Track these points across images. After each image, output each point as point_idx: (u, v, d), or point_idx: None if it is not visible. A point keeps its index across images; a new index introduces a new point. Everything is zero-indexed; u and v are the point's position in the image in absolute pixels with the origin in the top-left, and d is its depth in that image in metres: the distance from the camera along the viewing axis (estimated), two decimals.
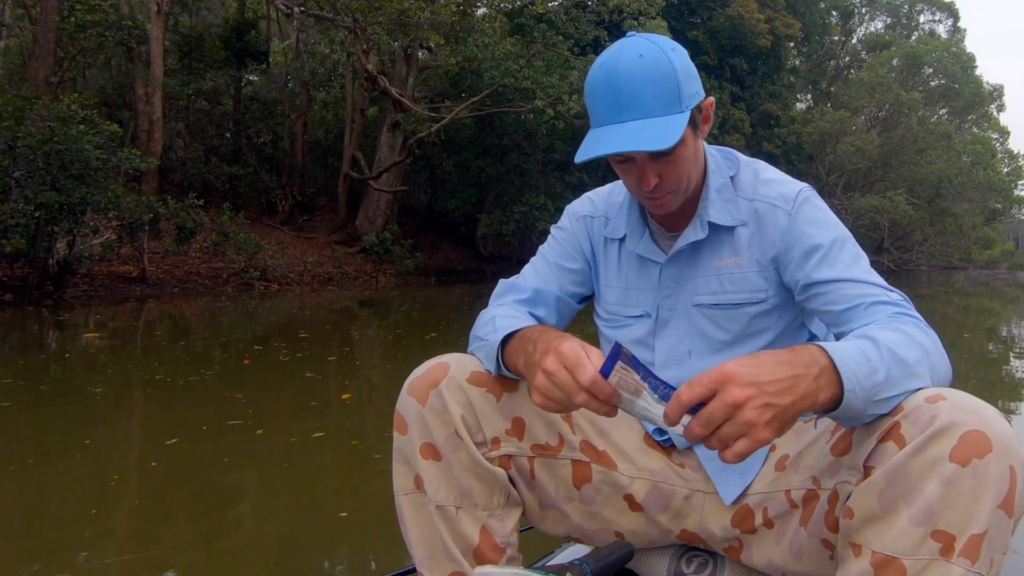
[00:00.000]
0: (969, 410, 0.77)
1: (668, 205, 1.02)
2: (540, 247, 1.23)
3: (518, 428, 1.02)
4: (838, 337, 0.97)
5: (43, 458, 2.84)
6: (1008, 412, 4.10)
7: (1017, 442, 0.76)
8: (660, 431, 1.10)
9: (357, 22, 12.92)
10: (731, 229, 1.06)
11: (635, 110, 0.94)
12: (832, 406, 0.78)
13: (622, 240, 1.14)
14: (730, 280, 1.05)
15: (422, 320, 9.15)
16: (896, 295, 0.96)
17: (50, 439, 3.14)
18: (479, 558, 0.97)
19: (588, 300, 1.22)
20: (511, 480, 1.03)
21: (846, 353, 0.79)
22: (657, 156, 0.97)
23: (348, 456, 3.00)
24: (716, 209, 1.05)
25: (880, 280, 0.98)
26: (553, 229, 1.22)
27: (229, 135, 17.92)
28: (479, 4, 16.68)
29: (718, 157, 1.10)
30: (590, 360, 0.83)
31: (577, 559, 0.99)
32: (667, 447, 1.10)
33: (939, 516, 0.75)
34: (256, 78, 19.24)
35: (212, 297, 10.76)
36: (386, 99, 16.79)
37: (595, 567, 0.99)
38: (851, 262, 0.99)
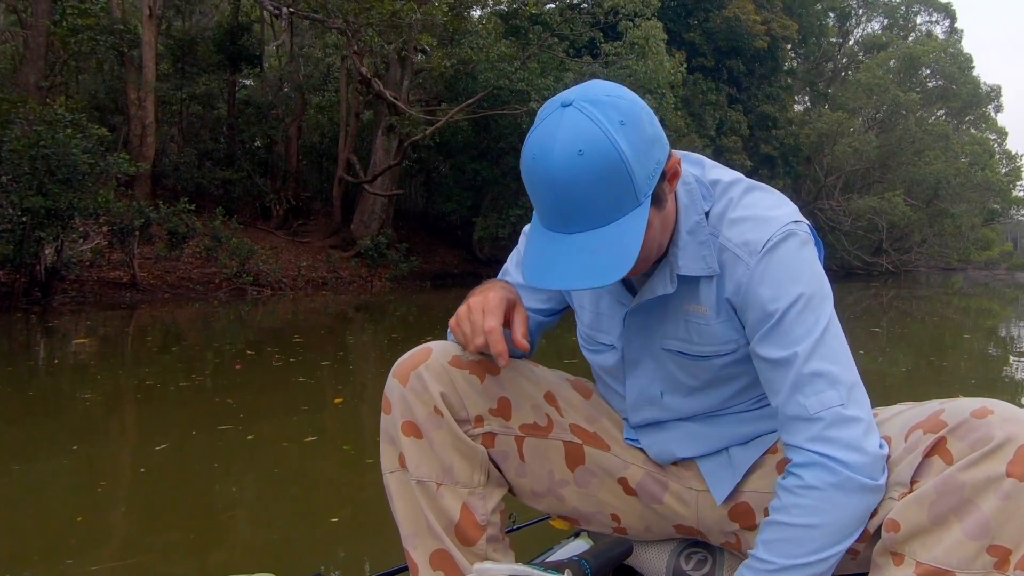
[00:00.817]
0: (1022, 422, 0.77)
1: (638, 272, 0.95)
2: (511, 255, 1.15)
3: (504, 408, 1.03)
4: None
5: (29, 465, 2.81)
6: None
7: None
8: (633, 436, 1.09)
9: (348, 24, 12.93)
10: (694, 278, 0.94)
11: (583, 221, 0.81)
12: None
13: None
14: (697, 331, 0.96)
15: (417, 324, 9.12)
16: (831, 404, 0.84)
17: (36, 446, 3.11)
18: (460, 535, 0.99)
19: (560, 315, 1.16)
20: (495, 462, 1.04)
21: None
22: None
23: (340, 461, 2.98)
24: (687, 257, 0.92)
25: (826, 367, 0.85)
26: (522, 238, 1.11)
27: (223, 139, 17.89)
28: (473, 6, 16.71)
29: (693, 188, 0.94)
30: (516, 318, 0.93)
31: (576, 555, 0.99)
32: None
33: (997, 531, 0.75)
34: (251, 82, 19.24)
35: (204, 303, 10.72)
36: (381, 102, 16.79)
37: (594, 563, 0.99)
38: (798, 339, 0.86)
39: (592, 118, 0.79)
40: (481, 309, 0.93)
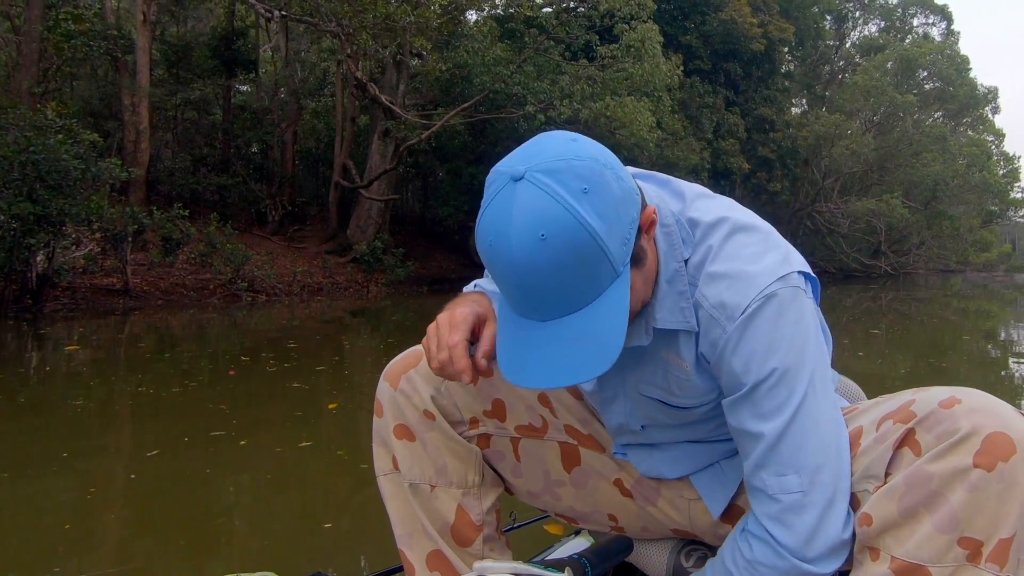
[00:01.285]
0: (988, 412, 0.76)
1: None
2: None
3: (499, 410, 1.02)
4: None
5: (18, 472, 2.79)
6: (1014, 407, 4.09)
7: None
8: (622, 451, 1.07)
9: (342, 27, 12.94)
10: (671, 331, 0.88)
11: (556, 309, 0.74)
12: None
13: None
14: (677, 383, 0.90)
15: (414, 329, 9.11)
16: (791, 489, 0.82)
17: (27, 453, 3.09)
18: (456, 536, 0.99)
19: None
20: (491, 463, 1.04)
21: None
22: None
23: (334, 466, 2.96)
24: (664, 309, 0.85)
25: (790, 452, 0.81)
26: None
27: (218, 145, 17.90)
28: (469, 9, 16.75)
29: (673, 231, 0.86)
30: (484, 333, 0.86)
31: (576, 553, 0.99)
32: None
33: (967, 523, 0.74)
34: (248, 88, 19.26)
35: (198, 309, 10.69)
36: (376, 107, 16.81)
37: (595, 561, 0.98)
38: (768, 416, 0.82)
39: (550, 193, 0.70)
40: (448, 324, 0.87)
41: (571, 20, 16.94)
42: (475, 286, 1.10)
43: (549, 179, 0.71)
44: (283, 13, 13.22)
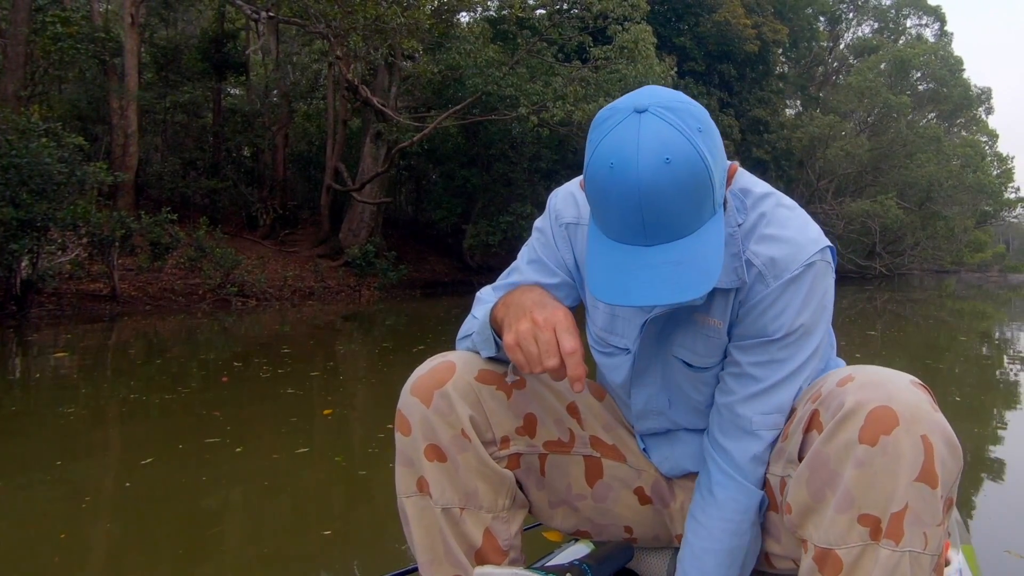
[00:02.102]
0: (875, 386, 0.77)
1: None
2: (522, 251, 1.14)
3: (530, 426, 1.01)
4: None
5: (10, 481, 2.78)
6: (1009, 409, 4.12)
7: (930, 409, 0.75)
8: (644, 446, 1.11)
9: (331, 28, 12.93)
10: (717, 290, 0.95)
11: (665, 233, 0.78)
12: None
13: None
14: (705, 343, 0.97)
15: (408, 333, 9.10)
16: (775, 427, 0.91)
17: (19, 461, 3.07)
18: (481, 560, 0.97)
19: (573, 310, 1.17)
20: (519, 481, 1.02)
21: None
22: None
23: (331, 473, 2.96)
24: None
25: (786, 397, 0.91)
26: (535, 231, 1.12)
27: (208, 148, 17.85)
28: (460, 11, 16.77)
29: (728, 200, 0.94)
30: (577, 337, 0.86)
31: (577, 559, 0.99)
32: None
33: (860, 500, 0.74)
34: (239, 91, 19.21)
35: (187, 315, 10.64)
36: (369, 109, 16.81)
37: (596, 567, 0.99)
38: (779, 364, 0.91)
39: (674, 125, 0.76)
40: (552, 326, 0.84)
41: (564, 21, 16.98)
42: (496, 289, 1.09)
43: (672, 115, 0.77)
44: (270, 14, 13.18)
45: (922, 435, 0.73)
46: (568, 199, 1.08)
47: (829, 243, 0.94)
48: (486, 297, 1.08)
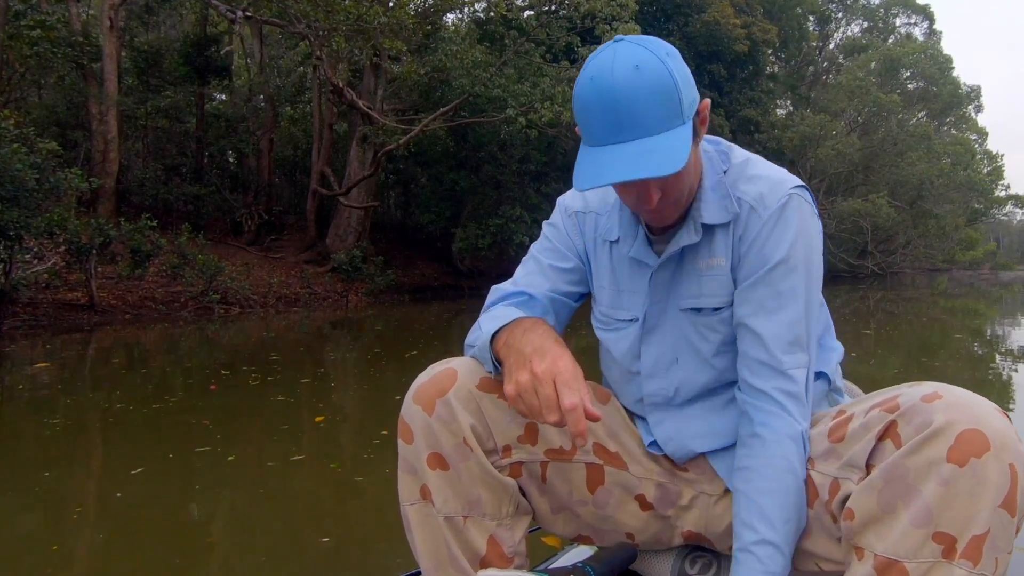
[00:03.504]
0: (966, 408, 0.78)
1: (669, 218, 1.02)
2: (532, 246, 1.21)
3: (531, 434, 1.03)
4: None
5: None
6: (1008, 407, 4.19)
7: (1016, 439, 0.77)
8: (656, 444, 1.11)
9: (311, 28, 12.89)
10: (714, 228, 1.03)
11: (636, 129, 0.89)
12: None
13: (615, 242, 1.13)
14: (710, 283, 1.04)
15: (399, 339, 9.09)
16: (793, 357, 0.97)
17: (6, 473, 3.05)
18: (486, 568, 0.98)
19: (585, 297, 1.20)
20: (521, 488, 1.03)
21: None
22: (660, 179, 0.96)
23: (327, 481, 2.96)
24: (710, 209, 1.02)
25: (801, 329, 0.98)
26: (545, 226, 1.20)
27: (191, 154, 17.76)
28: (445, 11, 16.79)
29: (712, 152, 1.06)
30: (584, 389, 0.87)
31: (580, 561, 1.00)
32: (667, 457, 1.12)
33: (939, 517, 0.76)
34: (224, 97, 19.12)
35: (168, 323, 10.58)
36: (355, 113, 16.79)
37: (599, 569, 0.99)
38: (781, 295, 0.98)
39: (646, 47, 0.91)
40: (552, 378, 0.86)
41: (551, 22, 17.04)
42: (504, 305, 1.10)
43: (644, 42, 0.92)
44: (248, 14, 13.08)
45: (1010, 463, 0.75)
46: (574, 195, 1.19)
47: (805, 185, 1.06)
48: (497, 312, 1.08)
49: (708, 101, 1.01)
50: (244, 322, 11.14)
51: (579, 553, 1.29)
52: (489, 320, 1.04)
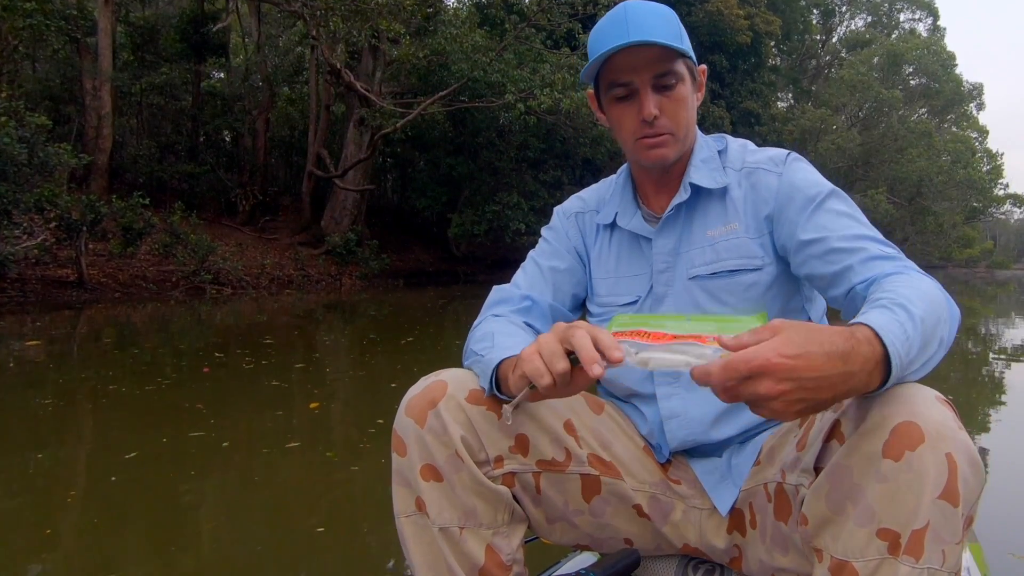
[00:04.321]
0: (902, 400, 0.77)
1: (664, 149, 1.07)
2: (530, 252, 1.24)
3: (522, 445, 1.02)
4: (835, 299, 1.02)
5: None
6: (992, 405, 4.22)
7: (956, 427, 0.76)
8: (651, 446, 1.12)
9: (307, 7, 12.79)
10: (722, 197, 1.10)
11: (643, 32, 1.00)
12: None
13: (613, 225, 1.18)
14: (725, 248, 1.08)
15: (393, 325, 9.09)
16: (891, 249, 0.98)
17: None
18: None
19: (581, 308, 1.22)
20: (516, 498, 1.03)
21: (896, 339, 0.75)
22: (660, 87, 1.04)
23: (324, 469, 2.97)
24: (699, 174, 1.10)
25: (874, 231, 1.01)
26: (544, 231, 1.25)
27: (186, 132, 17.63)
28: None
29: (708, 139, 1.17)
30: (576, 345, 0.82)
31: (584, 568, 1.00)
32: (662, 463, 1.12)
33: (881, 514, 0.75)
34: (221, 75, 18.94)
35: (159, 302, 10.53)
36: (353, 95, 16.70)
37: None
38: (844, 214, 1.02)
39: (655, 2, 1.06)
40: (541, 358, 0.85)
41: (553, 7, 16.93)
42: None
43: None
44: None
45: (947, 453, 0.74)
46: (573, 199, 1.26)
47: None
48: (505, 329, 1.07)
49: (705, 68, 1.12)
50: (236, 303, 11.11)
51: (582, 560, 1.29)
52: (497, 337, 1.04)
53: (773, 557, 0.96)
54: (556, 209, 1.26)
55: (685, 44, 1.05)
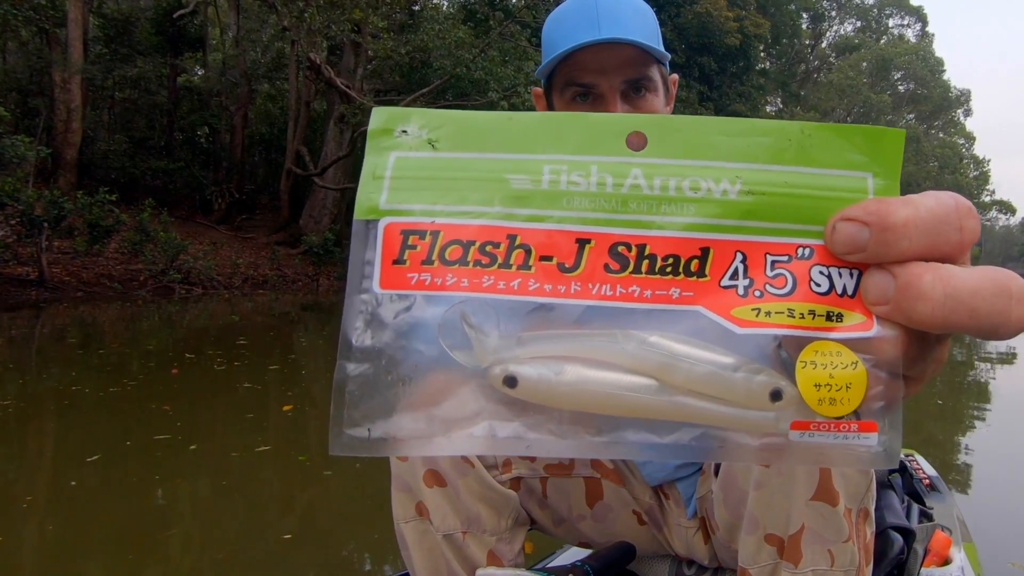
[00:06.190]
0: None
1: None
2: None
3: None
4: None
5: None
6: (985, 413, 4.25)
7: None
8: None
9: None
10: None
11: (617, 27, 0.91)
12: None
13: None
14: None
15: None
16: None
17: None
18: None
19: None
20: (521, 503, 1.05)
21: None
22: (629, 95, 0.99)
23: (295, 474, 2.92)
24: None
25: None
26: None
27: (160, 127, 17.43)
28: None
29: None
30: None
31: (579, 560, 1.01)
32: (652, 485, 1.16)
33: (763, 520, 0.76)
34: (200, 71, 18.75)
35: (125, 302, 10.35)
36: (333, 91, 16.61)
37: (597, 568, 1.00)
38: None
39: None
40: None
41: (538, 4, 16.96)
42: None
43: None
44: None
45: None
46: None
47: None
48: None
49: (676, 77, 1.08)
50: (207, 303, 10.97)
51: (578, 551, 1.30)
52: None
53: (732, 556, 0.99)
54: None
55: (661, 47, 0.99)
